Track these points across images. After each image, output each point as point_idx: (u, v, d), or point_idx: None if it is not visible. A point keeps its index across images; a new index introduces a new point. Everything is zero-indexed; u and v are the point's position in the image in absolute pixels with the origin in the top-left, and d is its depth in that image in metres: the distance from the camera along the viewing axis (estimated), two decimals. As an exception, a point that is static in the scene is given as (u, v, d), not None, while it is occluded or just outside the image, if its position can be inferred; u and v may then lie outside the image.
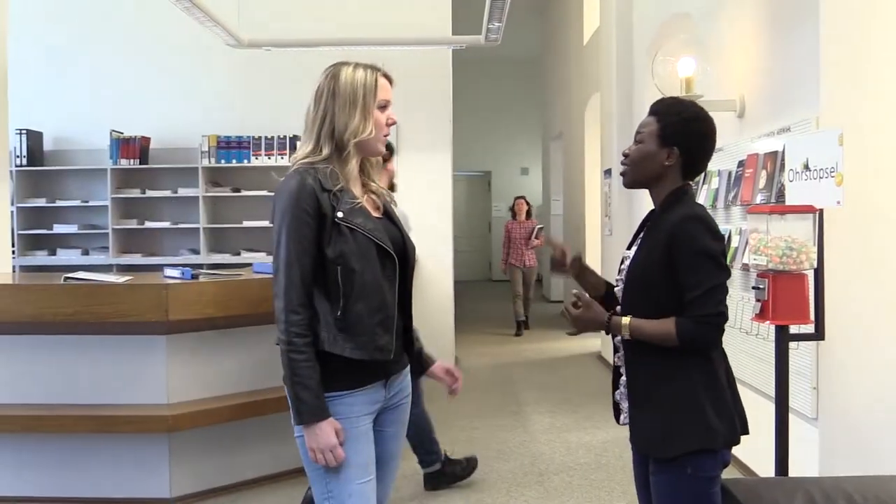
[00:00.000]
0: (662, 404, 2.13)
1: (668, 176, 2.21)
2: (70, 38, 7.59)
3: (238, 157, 7.33)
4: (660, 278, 2.12)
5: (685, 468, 2.10)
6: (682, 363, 2.12)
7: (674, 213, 2.15)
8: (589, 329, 2.20)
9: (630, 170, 2.26)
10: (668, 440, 2.11)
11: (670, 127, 2.19)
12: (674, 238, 2.10)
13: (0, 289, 4.12)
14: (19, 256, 7.29)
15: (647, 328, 2.12)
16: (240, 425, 4.23)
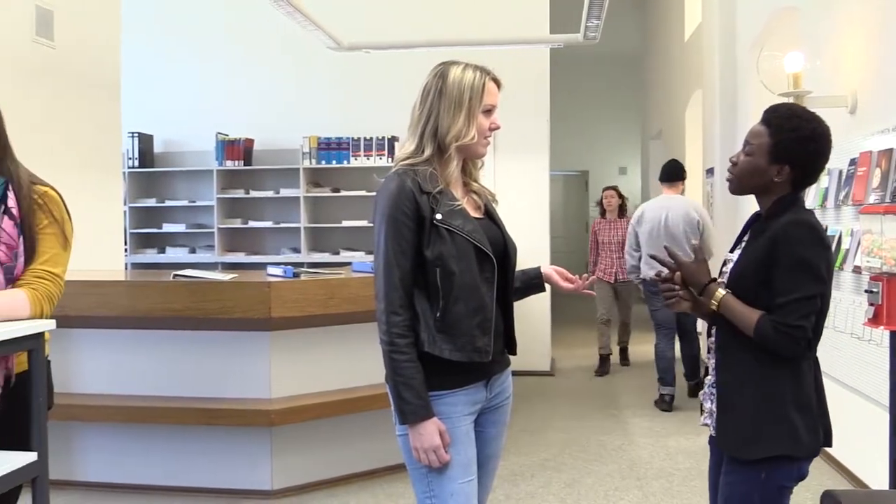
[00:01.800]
0: (748, 407, 2.11)
1: (776, 189, 2.16)
2: (178, 44, 7.88)
3: (338, 158, 7.46)
4: (760, 282, 2.07)
5: (760, 473, 2.09)
6: (771, 368, 2.08)
7: (782, 217, 2.10)
8: (690, 281, 2.20)
9: (736, 179, 2.21)
10: (750, 442, 2.10)
11: (784, 144, 2.11)
12: (777, 241, 2.06)
13: (114, 285, 4.31)
14: (131, 254, 7.61)
15: (735, 308, 2.11)
16: (339, 421, 4.30)
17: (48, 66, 4.82)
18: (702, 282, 2.17)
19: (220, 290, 4.12)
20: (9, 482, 2.08)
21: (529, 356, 6.81)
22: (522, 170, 7.38)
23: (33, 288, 2.21)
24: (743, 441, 2.11)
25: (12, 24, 4.55)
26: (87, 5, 5.27)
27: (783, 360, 2.08)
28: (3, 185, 2.26)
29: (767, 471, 2.08)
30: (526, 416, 5.81)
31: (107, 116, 5.54)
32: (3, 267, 2.20)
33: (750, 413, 2.10)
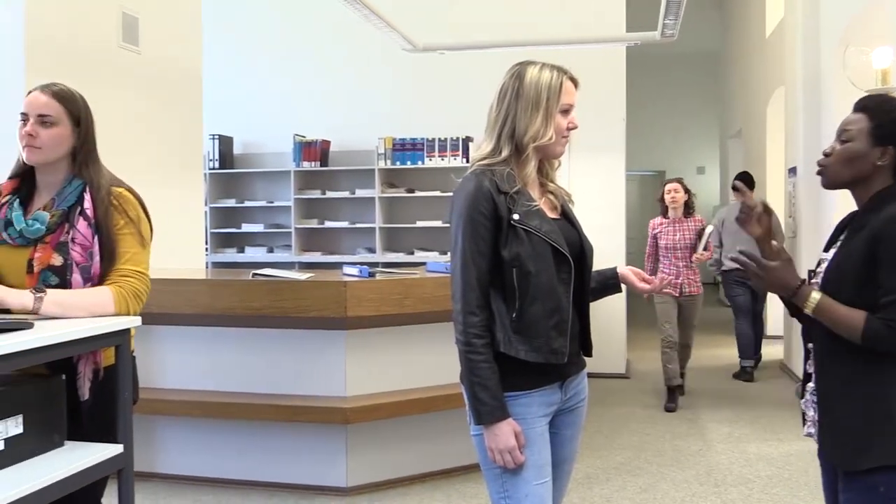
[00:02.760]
0: (854, 414, 1.98)
1: (877, 176, 2.05)
2: (257, 48, 8.04)
3: (412, 159, 7.51)
4: (858, 281, 1.97)
5: (877, 486, 1.94)
6: (878, 370, 1.96)
7: (881, 212, 1.98)
8: (775, 286, 2.06)
9: (832, 169, 2.10)
10: (859, 451, 1.96)
11: (886, 125, 2.02)
12: (879, 236, 1.94)
13: (196, 284, 4.41)
14: (211, 253, 7.80)
15: (835, 311, 1.97)
16: (414, 420, 4.32)
17: (134, 71, 4.97)
18: (791, 285, 2.04)
19: (298, 289, 4.18)
20: (96, 473, 2.15)
21: (605, 358, 6.73)
22: (598, 170, 7.30)
23: (119, 286, 2.29)
24: (853, 451, 1.97)
25: (100, 32, 4.71)
26: (171, 12, 5.42)
27: (890, 362, 1.95)
28: (81, 188, 2.34)
29: (885, 483, 1.93)
30: (601, 418, 5.74)
31: (189, 119, 5.69)
32: (79, 267, 2.27)
33: (857, 420, 1.97)
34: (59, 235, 2.29)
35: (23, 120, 2.33)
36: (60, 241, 2.28)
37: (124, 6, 4.86)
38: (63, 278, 2.26)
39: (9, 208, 2.33)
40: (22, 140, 2.33)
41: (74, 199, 2.32)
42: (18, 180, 2.40)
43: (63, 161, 2.37)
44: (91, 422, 2.26)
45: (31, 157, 2.33)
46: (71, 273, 2.26)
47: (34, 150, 2.32)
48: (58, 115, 2.33)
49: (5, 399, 1.99)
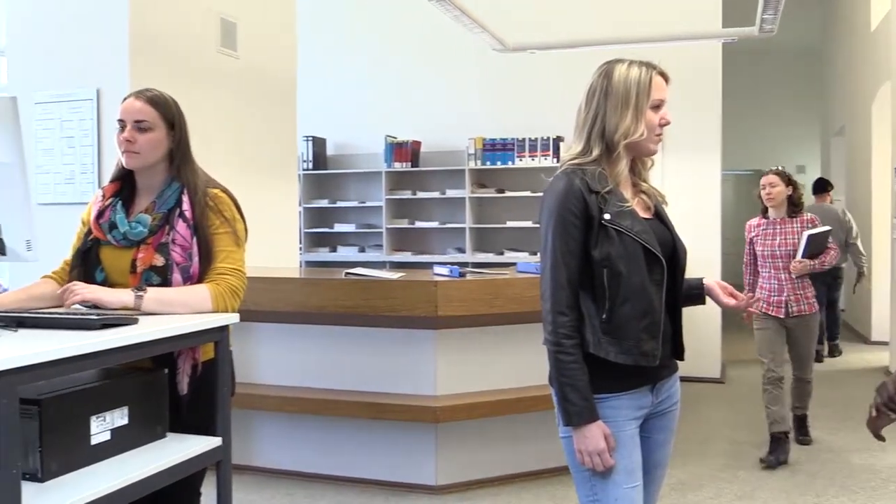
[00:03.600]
0: None
1: None
2: (348, 50, 8.17)
3: (503, 159, 7.50)
4: None
5: None
6: None
7: None
8: None
9: None
10: None
11: None
12: None
13: (290, 282, 4.51)
14: (305, 252, 7.96)
15: None
16: (503, 420, 4.31)
17: (231, 75, 5.11)
18: None
19: (389, 288, 4.23)
20: (196, 464, 2.22)
21: (698, 362, 6.60)
22: (692, 169, 7.15)
23: (216, 284, 2.36)
24: None
25: (200, 37, 4.86)
26: (267, 16, 5.55)
27: None
28: (179, 191, 2.42)
29: None
30: (694, 423, 5.62)
31: (284, 122, 5.82)
32: (179, 267, 2.35)
33: None
34: (161, 237, 2.38)
35: (120, 126, 2.42)
36: (161, 242, 2.37)
37: (223, 12, 5.01)
38: (164, 277, 2.35)
39: (112, 211, 2.43)
40: (120, 146, 2.42)
41: (174, 202, 2.41)
42: (119, 183, 2.50)
43: (161, 164, 2.45)
44: (191, 415, 2.33)
45: (130, 162, 2.42)
46: (171, 272, 2.35)
47: (133, 156, 2.41)
48: (153, 120, 2.41)
49: (112, 391, 2.08)
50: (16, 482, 1.63)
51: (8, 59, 4.76)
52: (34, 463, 1.84)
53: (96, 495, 1.84)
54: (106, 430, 2.03)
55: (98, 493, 1.84)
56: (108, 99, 4.28)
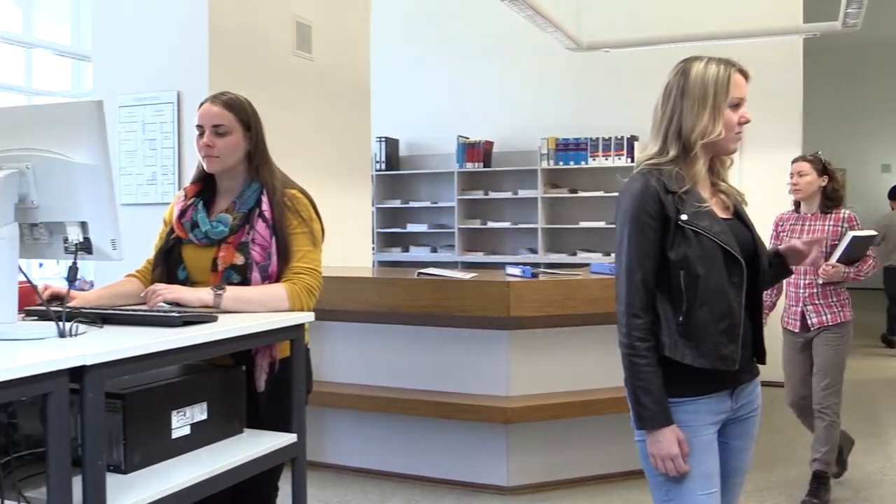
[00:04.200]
0: None
1: None
2: (421, 51, 8.21)
3: (576, 159, 7.44)
4: None
5: None
6: None
7: None
8: None
9: None
10: None
11: None
12: None
13: (364, 282, 4.56)
14: (377, 252, 8.03)
15: None
16: (576, 422, 4.28)
17: (307, 77, 5.19)
18: None
19: (462, 288, 4.24)
20: (272, 460, 2.26)
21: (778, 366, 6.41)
22: (771, 168, 6.94)
23: (293, 283, 2.40)
24: None
25: (276, 40, 4.95)
26: (342, 18, 5.62)
27: None
28: (259, 191, 2.47)
29: None
30: (773, 429, 5.47)
31: (358, 123, 5.88)
32: (258, 266, 2.40)
33: None
34: (241, 236, 2.43)
35: (199, 132, 2.48)
36: (241, 242, 2.42)
37: (298, 15, 5.09)
38: (244, 276, 2.39)
39: (194, 210, 2.49)
40: (200, 151, 2.48)
41: (253, 202, 2.46)
42: (201, 184, 2.56)
43: (240, 165, 2.50)
44: (268, 411, 2.38)
45: (210, 166, 2.48)
46: (251, 271, 2.39)
47: (213, 160, 2.47)
48: (230, 124, 2.46)
49: (192, 387, 2.13)
50: (101, 473, 1.69)
51: (94, 64, 4.93)
52: (118, 455, 1.90)
53: (176, 488, 1.88)
54: (186, 424, 2.08)
55: (178, 485, 1.89)
56: (189, 101, 4.39)
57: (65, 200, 1.90)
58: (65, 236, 1.92)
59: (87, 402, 1.65)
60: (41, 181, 1.90)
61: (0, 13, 7.58)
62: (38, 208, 1.91)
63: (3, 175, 1.85)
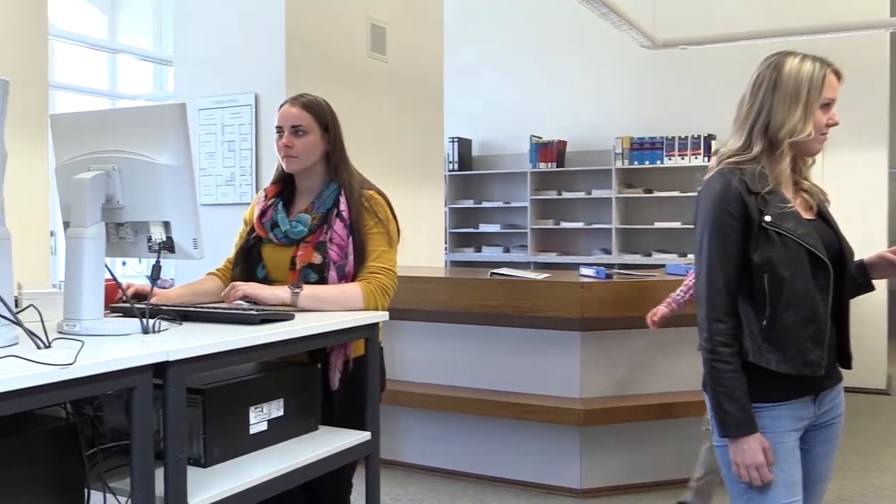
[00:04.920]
0: None
1: None
2: (494, 50, 8.19)
3: (651, 158, 7.33)
4: None
5: None
6: None
7: None
8: None
9: None
10: None
11: None
12: None
13: (437, 282, 4.57)
14: (450, 252, 8.05)
15: None
16: (651, 426, 4.21)
17: (381, 79, 5.23)
18: None
19: (535, 288, 4.22)
20: (346, 457, 2.28)
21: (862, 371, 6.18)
22: (855, 167, 6.74)
23: (368, 282, 2.42)
24: None
25: (350, 42, 5.00)
26: (416, 20, 5.65)
27: None
28: (337, 192, 2.50)
29: None
30: (857, 437, 5.30)
31: (431, 123, 5.91)
32: (335, 265, 2.43)
33: None
34: (319, 235, 2.47)
35: (278, 132, 2.53)
36: (320, 241, 2.46)
37: (373, 17, 5.14)
38: (322, 275, 2.43)
39: (274, 210, 2.54)
40: (280, 151, 2.53)
41: (331, 203, 2.49)
42: (281, 185, 2.61)
43: (318, 166, 2.54)
44: (342, 409, 2.40)
45: (289, 166, 2.53)
46: (328, 270, 2.43)
47: (291, 160, 2.52)
48: (308, 125, 2.50)
49: (270, 384, 2.17)
50: (182, 466, 1.73)
51: (175, 68, 5.06)
52: (198, 449, 1.94)
53: (254, 482, 1.92)
54: (263, 420, 2.11)
55: (255, 480, 1.92)
56: (266, 103, 4.48)
57: (149, 201, 1.95)
58: (149, 235, 1.97)
59: (169, 396, 1.69)
60: (127, 182, 1.95)
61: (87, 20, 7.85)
62: (123, 208, 1.97)
63: (91, 176, 1.92)
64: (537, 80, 8.00)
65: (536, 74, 8.01)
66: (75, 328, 1.84)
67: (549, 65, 7.95)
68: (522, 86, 8.08)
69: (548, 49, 7.95)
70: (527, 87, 8.05)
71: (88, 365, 1.51)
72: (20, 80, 1.87)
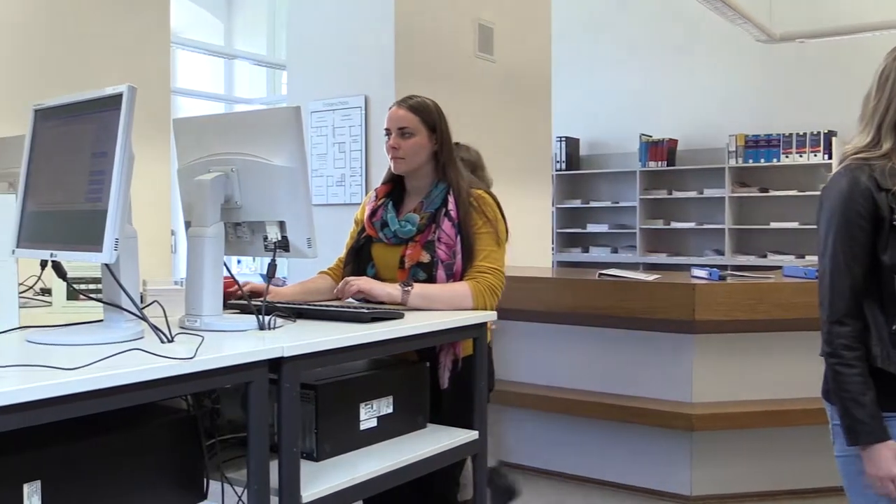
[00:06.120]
0: None
1: None
2: (602, 49, 8.09)
3: (766, 156, 7.10)
4: None
5: None
6: None
7: None
8: None
9: None
10: None
11: None
12: None
13: (544, 282, 4.55)
14: (557, 253, 8.00)
15: None
16: (766, 433, 4.07)
17: (488, 79, 5.24)
18: None
19: (644, 290, 4.14)
20: (453, 456, 2.29)
21: None
22: None
23: (476, 282, 2.42)
24: None
25: (458, 43, 5.03)
26: (522, 19, 5.64)
27: None
28: (445, 191, 2.51)
29: None
30: None
31: (538, 123, 5.88)
32: (444, 264, 2.44)
33: None
34: (427, 235, 2.49)
35: (387, 134, 2.56)
36: (428, 240, 2.48)
37: (480, 18, 5.15)
38: (430, 274, 2.45)
39: (384, 210, 2.58)
40: (388, 153, 2.56)
41: (440, 202, 2.51)
42: (391, 185, 2.65)
43: (426, 166, 2.56)
44: (451, 408, 2.42)
45: (397, 167, 2.56)
46: (436, 269, 2.45)
47: (399, 161, 2.55)
48: (415, 126, 2.52)
49: (380, 381, 2.20)
50: (296, 460, 1.77)
51: (288, 72, 5.21)
52: (310, 443, 1.99)
53: (364, 478, 1.95)
54: (373, 417, 2.14)
55: (366, 475, 1.95)
56: (376, 105, 4.55)
57: (265, 201, 2.01)
58: (265, 235, 2.03)
59: (284, 391, 1.74)
60: (244, 183, 2.01)
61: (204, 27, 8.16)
62: (241, 208, 2.03)
63: (211, 178, 1.99)
64: (647, 77, 7.86)
65: (646, 72, 7.87)
66: (196, 324, 1.91)
67: (660, 62, 7.80)
68: (632, 84, 7.95)
69: (658, 46, 7.80)
70: (636, 85, 7.92)
71: (209, 359, 1.56)
72: (145, 86, 1.95)
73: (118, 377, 1.40)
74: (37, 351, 1.61)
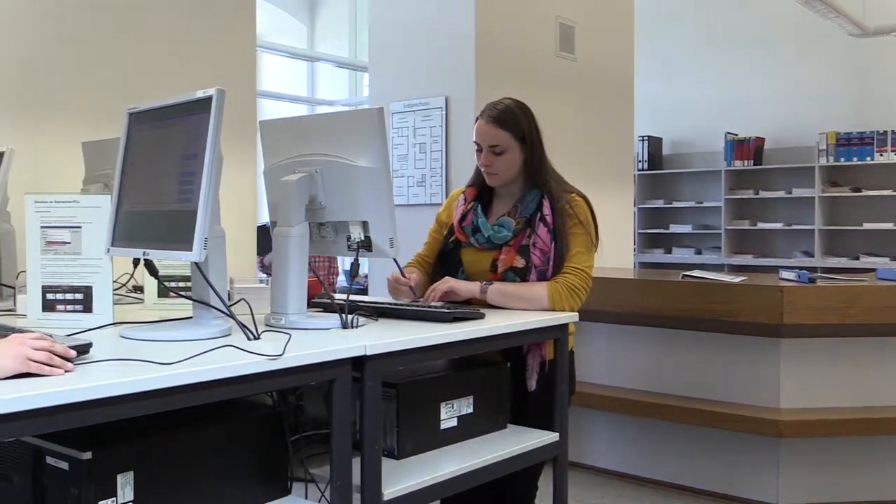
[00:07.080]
0: None
1: None
2: (687, 46, 7.94)
3: (860, 155, 6.85)
4: None
5: None
6: None
7: None
8: None
9: None
10: None
11: None
12: None
13: (626, 283, 4.48)
14: (639, 254, 7.88)
15: None
16: (858, 442, 3.93)
17: (569, 78, 5.20)
18: None
19: (730, 292, 4.04)
20: (533, 458, 2.28)
21: None
22: None
23: (555, 281, 2.40)
24: None
25: (539, 43, 5.00)
26: (605, 19, 5.57)
27: None
28: (539, 196, 2.49)
29: None
30: None
31: (620, 122, 5.81)
32: (537, 269, 2.42)
33: None
34: (521, 239, 2.47)
35: (477, 147, 2.54)
36: (522, 245, 2.46)
37: (561, 16, 5.11)
38: (523, 279, 2.43)
39: (474, 214, 2.56)
40: (481, 167, 2.54)
41: (534, 207, 2.49)
42: (478, 188, 2.63)
43: (519, 174, 2.54)
44: (536, 410, 2.40)
45: (491, 181, 2.55)
46: (530, 274, 2.43)
47: (493, 176, 2.54)
48: (505, 143, 2.49)
49: (461, 381, 2.20)
50: (378, 457, 1.79)
51: (370, 74, 5.26)
52: (391, 442, 2.00)
53: (444, 477, 1.95)
54: (453, 416, 2.15)
55: (446, 475, 1.96)
56: (456, 106, 4.56)
57: (348, 201, 2.03)
58: (348, 234, 2.06)
59: (366, 389, 1.76)
60: (328, 184, 2.05)
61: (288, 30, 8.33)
62: (325, 209, 2.06)
63: (296, 178, 2.02)
64: (733, 75, 7.68)
65: (732, 69, 7.69)
66: (281, 321, 1.95)
67: (746, 58, 7.61)
68: (716, 82, 7.78)
69: (744, 42, 7.61)
70: (721, 83, 7.75)
71: (294, 356, 1.59)
72: (232, 89, 2.00)
73: (212, 372, 1.45)
74: (131, 346, 1.67)
